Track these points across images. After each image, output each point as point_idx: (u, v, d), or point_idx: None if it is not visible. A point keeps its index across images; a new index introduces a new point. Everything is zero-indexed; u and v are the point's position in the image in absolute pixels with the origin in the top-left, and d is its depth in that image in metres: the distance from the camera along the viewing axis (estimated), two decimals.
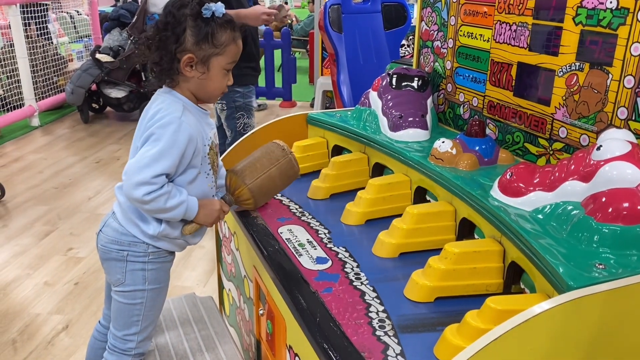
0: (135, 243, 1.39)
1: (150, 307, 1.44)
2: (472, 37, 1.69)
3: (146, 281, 1.42)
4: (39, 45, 5.65)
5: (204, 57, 1.31)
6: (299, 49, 8.06)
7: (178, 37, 1.29)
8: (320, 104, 5.24)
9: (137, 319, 1.44)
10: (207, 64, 1.33)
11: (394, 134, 1.69)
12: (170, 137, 1.29)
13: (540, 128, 1.47)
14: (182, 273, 2.83)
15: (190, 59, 1.31)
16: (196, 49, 1.30)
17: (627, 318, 0.94)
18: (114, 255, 1.41)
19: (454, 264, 1.17)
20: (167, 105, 1.33)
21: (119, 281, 1.42)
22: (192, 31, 1.30)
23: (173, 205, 1.31)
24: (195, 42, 1.30)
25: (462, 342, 0.96)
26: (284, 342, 1.32)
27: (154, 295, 1.44)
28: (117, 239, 1.40)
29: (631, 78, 1.20)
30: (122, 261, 1.40)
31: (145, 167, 1.27)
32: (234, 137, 2.91)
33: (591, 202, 1.07)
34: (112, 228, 1.41)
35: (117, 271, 1.41)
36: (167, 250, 1.44)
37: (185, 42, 1.30)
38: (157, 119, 1.31)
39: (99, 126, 5.55)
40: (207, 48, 1.31)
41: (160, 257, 1.43)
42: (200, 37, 1.30)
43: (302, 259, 1.36)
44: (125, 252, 1.40)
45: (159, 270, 1.44)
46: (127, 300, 1.42)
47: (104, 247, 1.42)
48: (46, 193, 3.87)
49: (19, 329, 2.38)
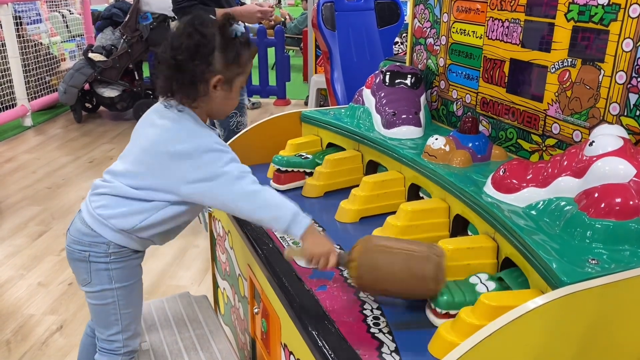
0: (96, 243, 1.36)
1: (125, 305, 1.42)
2: (464, 34, 1.69)
3: (112, 280, 1.39)
4: (31, 45, 5.62)
5: (230, 78, 1.31)
6: (292, 46, 8.05)
7: (208, 58, 1.27)
8: (314, 102, 5.24)
9: (114, 318, 1.42)
10: (231, 83, 1.32)
11: (387, 132, 1.69)
12: (222, 155, 1.29)
13: (533, 124, 1.47)
14: (177, 272, 2.82)
15: (220, 80, 1.29)
16: (225, 70, 1.29)
17: (620, 313, 0.94)
18: (76, 255, 1.39)
19: (448, 261, 1.17)
20: (199, 139, 1.30)
21: (86, 281, 1.40)
22: (221, 54, 1.28)
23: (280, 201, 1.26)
24: (224, 64, 1.28)
25: (457, 338, 0.96)
26: (279, 341, 1.32)
27: (125, 293, 1.41)
28: (79, 239, 1.38)
29: (623, 74, 1.21)
30: (85, 261, 1.38)
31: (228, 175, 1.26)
32: (227, 136, 2.90)
33: (584, 197, 1.08)
34: (76, 228, 1.39)
35: (82, 271, 1.40)
36: (132, 248, 1.40)
37: (214, 63, 1.27)
38: (200, 153, 1.27)
39: (92, 126, 5.52)
40: (234, 69, 1.30)
41: (123, 257, 1.39)
42: (230, 59, 1.29)
43: (297, 258, 1.36)
44: (86, 253, 1.37)
45: (124, 268, 1.40)
46: (97, 301, 1.41)
47: (69, 248, 1.41)
48: (39, 193, 3.85)
49: (12, 329, 2.36)
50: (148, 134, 1.35)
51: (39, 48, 5.80)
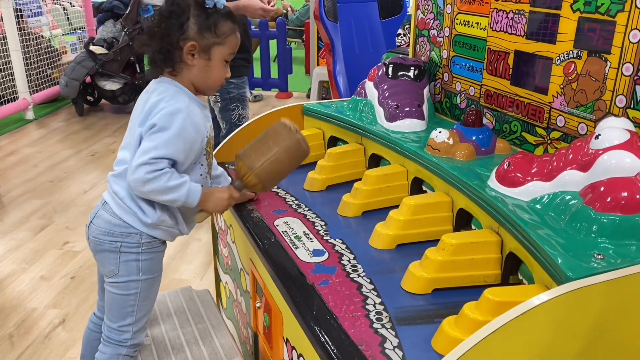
0: (129, 234, 1.39)
1: (145, 297, 1.44)
2: (468, 26, 1.67)
3: (140, 271, 1.41)
4: (32, 38, 5.60)
5: (206, 46, 1.34)
6: (294, 39, 8.02)
7: (182, 25, 1.32)
8: (316, 94, 5.22)
9: (131, 309, 1.43)
10: (208, 53, 1.35)
11: (390, 125, 1.68)
12: (179, 126, 1.30)
13: (537, 117, 1.45)
14: (179, 266, 2.82)
15: (193, 46, 1.33)
16: (199, 37, 1.33)
17: (626, 308, 0.93)
18: (106, 246, 1.40)
19: (451, 255, 1.16)
20: (171, 95, 1.33)
21: (113, 272, 1.41)
22: (195, 20, 1.32)
23: (175, 185, 1.30)
24: (198, 31, 1.33)
25: (460, 334, 0.95)
26: (281, 335, 1.32)
27: (147, 286, 1.44)
28: (109, 230, 1.39)
29: (630, 65, 1.19)
30: (116, 252, 1.39)
31: (147, 151, 1.28)
32: (229, 129, 2.89)
33: (590, 191, 1.06)
34: (104, 219, 1.40)
35: (110, 262, 1.40)
36: (160, 239, 1.43)
37: (188, 30, 1.32)
38: (161, 108, 1.30)
39: (94, 119, 5.52)
40: (209, 37, 1.34)
41: (153, 247, 1.43)
42: (204, 26, 1.32)
43: (299, 252, 1.35)
44: (118, 243, 1.39)
45: (152, 260, 1.44)
46: (121, 291, 1.42)
47: (96, 239, 1.41)
48: (41, 187, 3.85)
49: (15, 323, 2.37)
50: (135, 109, 1.40)
51: (40, 41, 5.79)
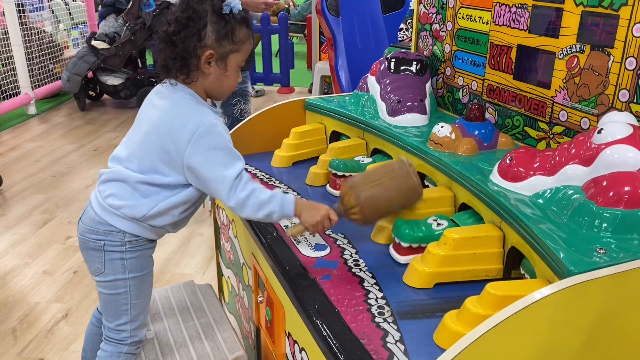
0: (112, 232, 1.36)
1: (136, 295, 1.42)
2: (471, 20, 1.66)
3: (126, 270, 1.39)
4: (34, 33, 5.60)
5: (224, 54, 1.31)
6: (296, 33, 8.00)
7: (199, 32, 1.28)
8: (318, 89, 5.21)
9: (125, 308, 1.42)
10: (225, 60, 1.32)
11: (392, 119, 1.68)
12: (223, 139, 1.29)
13: (540, 111, 1.45)
14: (181, 261, 2.83)
15: (211, 55, 1.30)
16: (217, 45, 1.30)
17: (628, 303, 0.93)
18: (91, 244, 1.38)
19: (453, 250, 1.16)
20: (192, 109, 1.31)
21: (99, 270, 1.40)
22: (213, 27, 1.29)
23: (266, 198, 1.27)
24: (216, 39, 1.29)
25: (462, 328, 0.95)
26: (283, 329, 1.32)
27: (137, 283, 1.41)
28: (93, 228, 1.37)
29: (633, 60, 1.19)
30: (100, 251, 1.38)
31: (224, 176, 1.27)
32: (231, 124, 2.89)
33: (592, 186, 1.06)
34: (89, 217, 1.39)
35: (95, 261, 1.39)
36: (146, 238, 1.40)
37: (206, 38, 1.29)
38: (199, 135, 1.27)
39: (96, 114, 5.52)
40: (226, 45, 1.31)
41: (138, 245, 1.40)
42: (221, 34, 1.29)
43: (301, 246, 1.35)
44: (102, 242, 1.37)
45: (139, 258, 1.41)
46: (109, 290, 1.40)
47: (82, 237, 1.40)
48: (44, 182, 3.85)
49: (18, 317, 2.38)
50: (150, 116, 1.36)
51: (42, 36, 5.78)
